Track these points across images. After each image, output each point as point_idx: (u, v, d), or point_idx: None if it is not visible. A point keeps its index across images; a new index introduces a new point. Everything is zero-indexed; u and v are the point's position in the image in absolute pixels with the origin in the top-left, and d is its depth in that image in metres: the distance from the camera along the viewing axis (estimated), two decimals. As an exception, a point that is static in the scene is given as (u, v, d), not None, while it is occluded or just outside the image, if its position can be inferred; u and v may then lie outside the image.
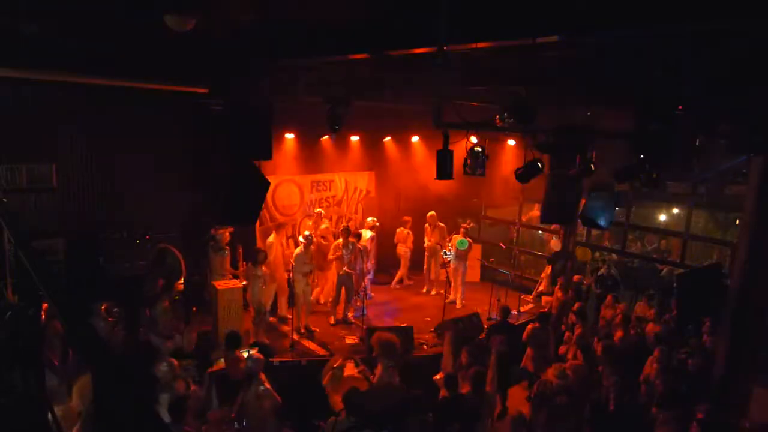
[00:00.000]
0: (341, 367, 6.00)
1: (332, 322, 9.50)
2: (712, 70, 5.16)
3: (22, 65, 6.37)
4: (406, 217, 11.40)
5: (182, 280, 8.24)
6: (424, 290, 11.38)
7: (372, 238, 10.77)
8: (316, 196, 11.07)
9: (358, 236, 9.66)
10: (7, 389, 2.95)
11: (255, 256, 8.55)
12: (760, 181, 6.37)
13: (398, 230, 11.43)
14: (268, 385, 5.52)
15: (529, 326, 8.20)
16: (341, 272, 9.32)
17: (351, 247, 9.36)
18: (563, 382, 5.94)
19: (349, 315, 9.55)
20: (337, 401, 5.49)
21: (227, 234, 8.60)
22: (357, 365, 6.16)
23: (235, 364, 5.94)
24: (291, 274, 8.86)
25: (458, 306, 10.55)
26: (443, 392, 5.78)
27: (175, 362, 5.58)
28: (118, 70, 6.98)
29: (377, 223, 10.86)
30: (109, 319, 6.52)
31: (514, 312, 9.89)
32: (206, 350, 7.18)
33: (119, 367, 1.39)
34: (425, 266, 11.43)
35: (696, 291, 8.49)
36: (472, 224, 11.67)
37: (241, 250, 9.27)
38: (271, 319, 9.14)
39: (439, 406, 5.77)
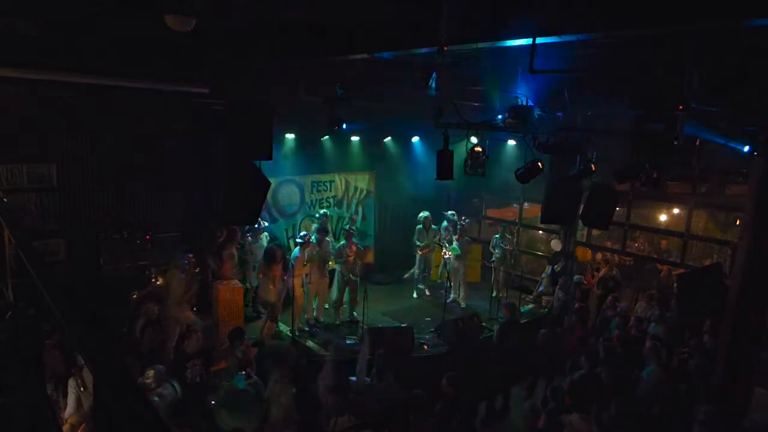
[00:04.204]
0: (238, 379, 5.71)
1: (338, 321, 9.53)
2: (712, 70, 5.16)
3: (22, 65, 6.37)
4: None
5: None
6: (415, 295, 11.16)
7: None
8: (317, 197, 11.08)
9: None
10: (7, 389, 2.95)
11: (267, 255, 8.55)
12: (760, 181, 6.37)
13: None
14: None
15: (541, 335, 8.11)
16: (346, 277, 9.36)
17: (354, 248, 9.39)
18: None
19: (355, 315, 9.55)
20: (225, 418, 5.18)
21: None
22: (248, 377, 5.83)
23: (234, 358, 5.96)
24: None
25: (462, 305, 10.57)
26: None
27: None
28: (119, 70, 6.99)
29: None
30: (196, 270, 7.64)
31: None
32: (209, 350, 7.18)
33: (121, 368, 1.39)
34: (418, 269, 11.22)
35: (696, 291, 8.48)
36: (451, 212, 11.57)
37: None
38: None
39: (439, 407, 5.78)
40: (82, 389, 4.49)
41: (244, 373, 5.78)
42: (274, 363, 5.80)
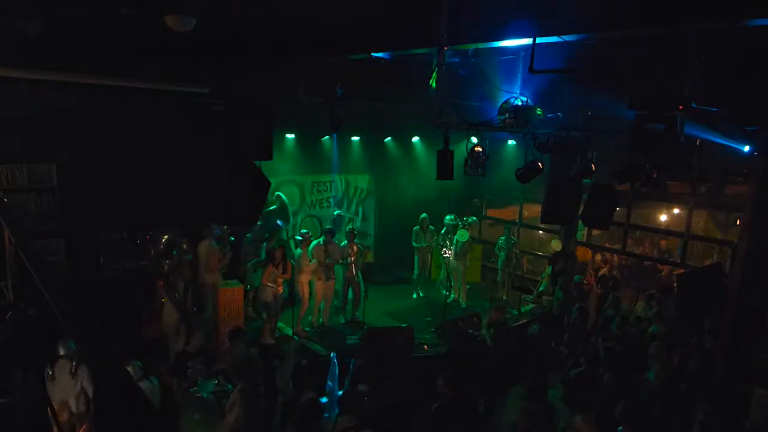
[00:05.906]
0: (207, 385, 5.59)
1: (342, 321, 9.55)
2: (712, 70, 5.16)
3: (22, 65, 6.36)
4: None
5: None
6: (414, 296, 11.15)
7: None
8: (317, 196, 11.08)
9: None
10: (7, 389, 2.96)
11: (267, 255, 8.53)
12: (760, 181, 6.37)
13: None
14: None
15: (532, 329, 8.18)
16: (348, 278, 9.39)
17: (356, 249, 9.39)
18: None
19: (357, 315, 9.54)
20: (186, 422, 5.07)
21: None
22: (218, 384, 5.75)
23: (235, 357, 5.93)
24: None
25: (463, 305, 10.57)
26: None
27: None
28: (119, 70, 6.98)
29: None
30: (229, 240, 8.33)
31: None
32: (210, 350, 7.18)
33: (122, 368, 1.39)
34: (418, 270, 11.24)
35: (696, 291, 8.48)
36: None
37: None
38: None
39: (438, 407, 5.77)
40: (50, 378, 4.48)
41: (216, 380, 5.75)
42: (237, 374, 5.50)
